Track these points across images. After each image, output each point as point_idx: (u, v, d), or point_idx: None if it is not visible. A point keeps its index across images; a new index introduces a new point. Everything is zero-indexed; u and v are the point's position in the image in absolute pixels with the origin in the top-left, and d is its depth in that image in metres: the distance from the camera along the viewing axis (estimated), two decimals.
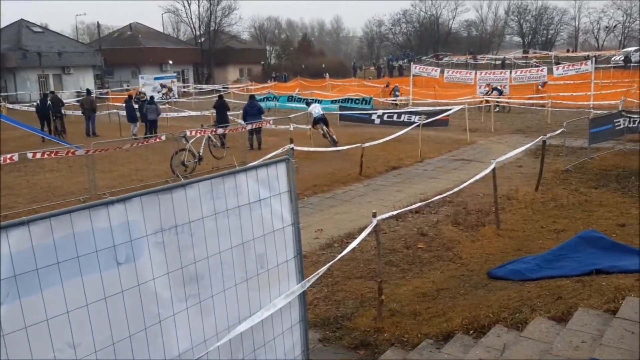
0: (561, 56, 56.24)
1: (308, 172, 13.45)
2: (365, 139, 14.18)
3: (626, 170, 11.76)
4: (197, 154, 14.21)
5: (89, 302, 2.63)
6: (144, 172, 13.95)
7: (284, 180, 3.67)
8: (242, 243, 3.37)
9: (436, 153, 15.90)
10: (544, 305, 4.98)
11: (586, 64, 26.07)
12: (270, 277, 3.59)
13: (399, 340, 5.16)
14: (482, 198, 10.29)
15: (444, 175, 12.95)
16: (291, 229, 3.77)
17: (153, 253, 2.88)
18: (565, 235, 7.54)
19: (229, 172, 3.30)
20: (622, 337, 3.91)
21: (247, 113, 17.84)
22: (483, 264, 7.00)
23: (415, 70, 29.82)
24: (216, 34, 66.46)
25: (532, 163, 13.07)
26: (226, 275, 3.29)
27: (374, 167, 13.78)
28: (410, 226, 8.96)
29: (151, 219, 2.88)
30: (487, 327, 4.84)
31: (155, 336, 2.91)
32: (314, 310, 6.00)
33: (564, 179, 11.50)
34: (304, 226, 8.81)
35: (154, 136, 15.61)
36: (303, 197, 11.19)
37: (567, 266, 6.15)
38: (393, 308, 5.87)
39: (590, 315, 4.47)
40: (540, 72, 27.12)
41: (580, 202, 9.57)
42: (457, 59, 62.32)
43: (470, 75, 28.57)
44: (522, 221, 8.80)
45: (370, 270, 6.99)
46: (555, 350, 3.95)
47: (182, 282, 3.03)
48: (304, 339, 3.91)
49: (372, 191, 11.76)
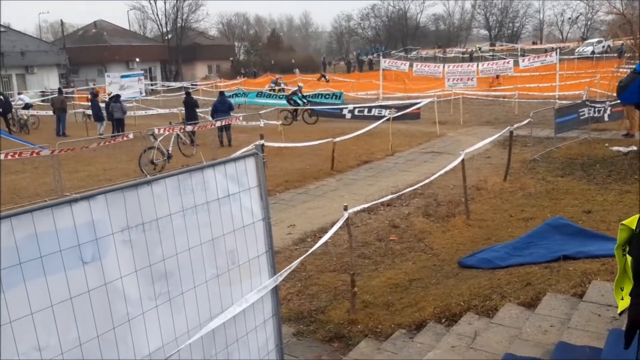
0: (527, 48, 57.23)
1: (280, 168, 13.42)
2: (337, 134, 14.20)
3: (591, 159, 12.04)
4: (166, 152, 14.04)
5: (54, 303, 2.57)
6: (112, 172, 13.72)
7: (253, 175, 3.64)
8: (212, 239, 3.34)
9: (407, 146, 16.02)
10: (513, 291, 5.07)
11: (551, 56, 26.57)
12: (242, 273, 3.57)
13: (372, 332, 5.19)
14: (452, 189, 10.42)
15: (414, 168, 13.07)
16: (262, 224, 3.74)
17: (120, 251, 2.83)
18: (534, 223, 7.68)
19: (196, 168, 3.26)
20: (588, 319, 4.00)
21: (217, 110, 17.71)
22: (454, 254, 7.08)
23: (385, 64, 29.95)
24: (183, 30, 65.65)
25: (500, 154, 13.27)
26: (196, 271, 3.25)
27: (345, 162, 13.82)
28: (383, 219, 9.02)
29: (117, 217, 2.82)
30: (458, 315, 4.91)
31: (124, 336, 2.86)
32: (287, 305, 5.99)
33: (532, 168, 11.71)
34: (276, 222, 8.82)
35: (121, 134, 15.34)
36: (275, 193, 11.16)
37: (535, 253, 6.27)
38: (366, 300, 5.90)
39: (558, 300, 4.57)
40: (507, 64, 27.52)
41: (548, 191, 9.76)
42: (426, 53, 62.90)
43: (438, 69, 28.82)
44: (491, 211, 8.94)
45: (344, 263, 7.01)
46: (525, 335, 4.02)
47: (151, 280, 2.98)
48: (277, 333, 3.89)
49: (344, 185, 11.80)
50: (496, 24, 77.06)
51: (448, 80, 26.41)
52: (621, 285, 1.75)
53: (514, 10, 75.44)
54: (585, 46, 49.66)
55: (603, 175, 10.54)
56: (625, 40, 16.20)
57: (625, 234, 1.65)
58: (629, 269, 1.67)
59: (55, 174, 11.80)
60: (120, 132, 18.79)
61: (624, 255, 1.69)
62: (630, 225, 1.61)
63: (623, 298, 1.73)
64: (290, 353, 4.89)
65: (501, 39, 72.79)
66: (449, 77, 26.61)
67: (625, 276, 1.72)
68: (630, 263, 1.63)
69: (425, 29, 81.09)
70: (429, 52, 63.47)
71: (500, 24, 76.79)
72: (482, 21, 79.13)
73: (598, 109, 15.68)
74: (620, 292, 1.75)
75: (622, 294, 1.74)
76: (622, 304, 1.73)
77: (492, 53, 56.52)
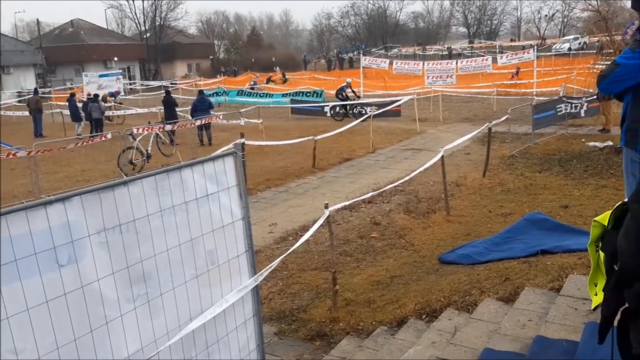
0: (505, 45, 57.81)
1: (261, 166, 13.39)
2: (318, 132, 14.21)
3: (568, 154, 12.22)
4: (145, 152, 13.92)
5: (30, 306, 2.53)
6: (90, 172, 13.56)
7: (232, 174, 3.62)
8: (190, 240, 3.31)
9: (387, 143, 16.09)
10: (492, 286, 5.13)
11: (528, 53, 26.87)
12: (222, 273, 3.55)
13: (354, 329, 5.21)
14: (432, 186, 10.49)
15: (395, 165, 13.13)
16: (241, 224, 3.72)
17: (97, 253, 2.79)
18: (512, 219, 7.77)
19: (174, 168, 3.23)
20: (565, 313, 4.06)
21: (197, 108, 17.60)
22: (434, 250, 7.13)
23: (365, 62, 30.03)
24: (162, 28, 65.08)
25: (479, 150, 13.40)
26: (175, 273, 3.22)
27: (327, 160, 13.84)
28: (364, 216, 9.05)
29: (93, 219, 2.79)
30: (439, 311, 4.95)
31: (102, 338, 2.82)
32: (269, 304, 5.99)
33: (510, 164, 11.84)
34: (257, 221, 8.80)
35: (99, 135, 15.16)
36: (256, 191, 11.14)
37: (514, 248, 6.34)
38: (348, 297, 5.92)
39: (536, 294, 4.63)
40: (485, 61, 27.76)
41: (526, 186, 9.88)
42: (406, 50, 63.23)
43: (418, 66, 28.97)
44: (470, 206, 9.02)
45: (325, 261, 7.02)
46: (504, 329, 4.07)
47: (128, 282, 2.95)
48: (258, 333, 3.88)
49: (326, 183, 11.81)
50: (475, 21, 77.74)
51: (428, 78, 26.56)
52: (595, 281, 1.78)
53: (492, 8, 76.23)
54: (562, 43, 50.35)
55: (580, 170, 10.70)
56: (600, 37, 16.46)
57: (598, 230, 1.68)
58: (602, 264, 1.70)
59: (32, 176, 11.62)
60: (98, 132, 18.58)
61: (597, 251, 1.72)
62: (602, 222, 1.64)
63: (597, 293, 1.75)
64: (272, 353, 4.89)
65: (480, 37, 73.43)
66: (428, 75, 26.76)
67: (598, 272, 1.75)
68: (603, 259, 1.66)
69: (405, 27, 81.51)
70: (409, 49, 63.81)
71: (479, 21, 77.48)
72: (460, 19, 79.83)
73: (575, 105, 15.92)
74: (594, 288, 1.78)
75: (595, 290, 1.77)
76: (595, 299, 1.76)
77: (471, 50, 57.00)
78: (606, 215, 1.64)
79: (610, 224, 1.57)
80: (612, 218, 1.57)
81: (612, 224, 1.57)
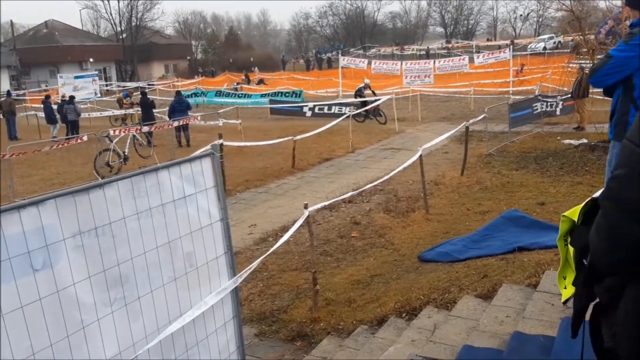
0: (481, 45, 58.45)
1: (240, 167, 13.33)
2: (297, 132, 14.20)
3: (544, 152, 12.40)
4: (123, 154, 13.76)
5: (4, 312, 2.48)
6: (67, 175, 13.36)
7: (209, 175, 3.59)
8: (168, 242, 3.28)
9: (367, 143, 16.15)
10: (471, 284, 5.18)
11: (505, 52, 27.20)
12: (200, 275, 3.52)
13: (334, 329, 5.22)
14: (411, 185, 10.56)
15: (374, 165, 13.19)
16: (220, 225, 3.70)
17: (72, 257, 2.75)
18: (490, 216, 7.86)
19: (150, 169, 3.20)
20: (542, 309, 4.12)
21: (175, 109, 17.45)
22: (414, 248, 7.18)
23: (344, 62, 30.10)
24: (138, 29, 64.42)
25: (457, 149, 13.52)
26: (153, 275, 3.19)
27: (306, 160, 13.84)
28: (344, 216, 9.07)
29: (68, 222, 2.74)
30: (418, 308, 4.98)
31: (79, 343, 2.78)
32: (249, 306, 5.97)
33: (487, 162, 11.98)
34: (237, 222, 8.77)
35: (75, 137, 14.95)
36: (235, 193, 11.09)
37: (492, 245, 6.41)
38: (328, 297, 5.92)
39: (513, 291, 4.68)
40: (462, 60, 28.03)
41: (503, 184, 10.00)
42: (384, 50, 63.54)
43: (396, 66, 29.13)
44: (449, 205, 9.10)
45: (306, 261, 7.02)
46: (482, 326, 4.11)
47: (105, 286, 2.91)
48: (238, 335, 3.86)
49: (306, 183, 11.81)
50: (451, 21, 78.46)
51: (406, 78, 26.72)
52: (564, 274, 1.80)
53: (469, 8, 77.03)
54: (537, 42, 51.07)
55: (556, 167, 10.87)
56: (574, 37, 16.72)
57: (567, 225, 1.70)
58: (571, 258, 1.73)
59: (6, 179, 11.41)
60: (74, 134, 18.32)
61: (566, 246, 1.75)
62: (571, 217, 1.67)
63: (566, 287, 1.78)
64: (253, 354, 4.87)
65: (457, 36, 74.13)
66: (406, 75, 26.92)
67: (567, 265, 1.78)
68: (572, 253, 1.69)
69: (383, 27, 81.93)
70: (387, 49, 64.13)
71: (456, 21, 78.21)
72: (437, 19, 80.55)
73: (550, 104, 16.17)
74: (563, 281, 1.81)
75: (565, 283, 1.80)
76: (565, 293, 1.79)
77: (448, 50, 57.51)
78: (575, 210, 1.67)
79: (579, 220, 1.60)
80: (581, 214, 1.60)
81: (581, 219, 1.59)
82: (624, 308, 1.45)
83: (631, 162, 1.36)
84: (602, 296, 1.55)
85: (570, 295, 1.75)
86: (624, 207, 1.37)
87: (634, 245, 1.36)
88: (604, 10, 16.92)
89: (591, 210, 1.58)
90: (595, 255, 1.46)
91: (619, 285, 1.48)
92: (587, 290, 1.58)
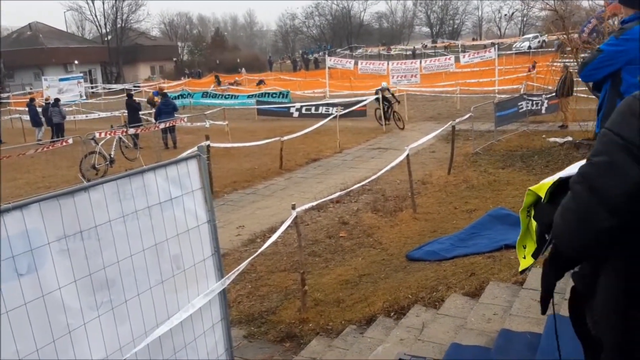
0: (467, 45, 58.79)
1: (227, 168, 13.29)
2: (285, 133, 14.18)
3: (530, 150, 12.50)
4: (108, 157, 13.67)
5: None
6: (52, 179, 13.23)
7: (196, 177, 3.58)
8: (154, 245, 3.26)
9: (354, 143, 16.17)
10: (458, 282, 5.21)
11: (490, 51, 27.37)
12: (188, 278, 3.51)
13: (323, 329, 5.22)
14: (399, 184, 10.59)
15: (362, 165, 13.21)
16: (207, 227, 3.69)
17: (57, 261, 2.73)
18: (477, 215, 7.91)
19: (136, 172, 3.18)
20: (529, 306, 4.15)
21: (162, 111, 17.36)
22: (402, 248, 7.20)
23: (330, 62, 30.11)
24: (123, 31, 63.94)
25: (444, 148, 13.58)
26: (140, 278, 3.17)
27: (294, 160, 13.83)
28: (332, 216, 9.08)
29: (53, 226, 2.72)
30: (406, 307, 5.00)
31: (65, 348, 2.76)
32: (237, 307, 5.95)
33: (474, 161, 12.05)
34: (224, 224, 8.74)
35: (60, 140, 14.81)
36: (223, 194, 11.06)
37: (479, 243, 6.46)
38: (317, 298, 5.92)
39: (500, 288, 4.72)
40: (448, 60, 28.17)
41: (490, 182, 10.07)
42: (370, 50, 63.70)
43: (383, 66, 29.20)
44: (436, 204, 9.14)
45: (294, 262, 7.01)
46: (470, 324, 4.14)
47: (91, 290, 2.89)
48: (226, 337, 3.85)
49: (293, 184, 11.80)
50: (437, 21, 78.81)
51: (392, 77, 26.78)
52: (523, 244, 1.83)
53: (454, 8, 77.44)
54: (522, 41, 51.47)
55: (541, 165, 10.96)
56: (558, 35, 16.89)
57: (532, 198, 1.75)
58: (533, 229, 1.76)
59: None
60: (59, 137, 18.16)
61: (528, 217, 1.79)
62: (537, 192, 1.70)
63: (525, 257, 1.81)
64: (242, 356, 4.86)
65: (442, 36, 74.49)
66: (393, 74, 26.98)
67: (527, 234, 1.81)
68: (534, 227, 1.72)
69: (369, 27, 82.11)
70: (374, 50, 64.29)
71: (441, 21, 78.59)
72: (423, 19, 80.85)
73: (536, 102, 16.31)
74: (523, 251, 1.83)
75: (524, 253, 1.82)
76: (523, 263, 1.81)
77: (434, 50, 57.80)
78: (541, 186, 1.70)
79: (546, 199, 1.63)
80: (548, 192, 1.63)
81: (547, 198, 1.63)
82: (601, 297, 1.48)
83: (610, 151, 1.39)
84: (578, 283, 1.58)
85: (528, 266, 1.78)
86: (596, 194, 1.39)
87: (600, 231, 1.39)
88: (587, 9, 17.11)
89: (557, 190, 1.62)
90: (561, 237, 1.49)
91: (593, 273, 1.51)
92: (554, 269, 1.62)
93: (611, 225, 1.37)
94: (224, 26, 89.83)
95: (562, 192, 1.58)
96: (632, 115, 1.38)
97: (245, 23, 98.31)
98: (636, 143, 1.34)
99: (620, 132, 1.38)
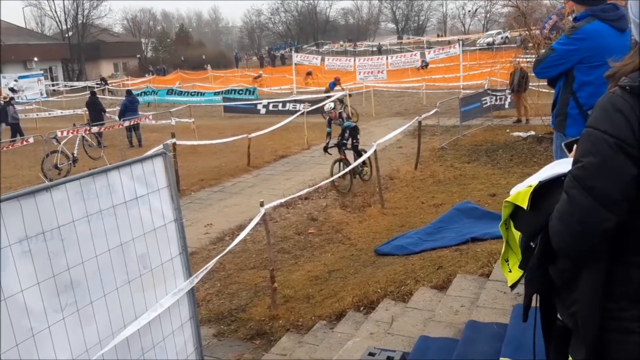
0: (432, 41, 59.43)
1: (194, 166, 13.15)
2: (252, 130, 14.10)
3: (494, 145, 12.73)
4: (71, 156, 13.35)
5: None
6: (13, 179, 12.85)
7: (161, 175, 3.53)
8: (120, 244, 3.21)
9: (322, 139, 16.04)
10: (426, 275, 5.27)
11: (455, 47, 27.75)
12: (155, 277, 3.46)
13: (294, 325, 5.22)
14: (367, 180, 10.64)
15: (330, 161, 13.19)
16: (174, 225, 3.64)
17: (19, 263, 2.65)
18: (444, 209, 8.02)
19: (100, 171, 3.12)
20: (495, 297, 4.24)
21: (127, 109, 17.05)
22: (370, 243, 7.25)
23: (297, 59, 30.06)
24: (85, 27, 62.53)
25: (410, 143, 13.71)
26: (105, 279, 3.11)
27: (262, 157, 13.76)
28: (301, 212, 9.08)
29: (14, 227, 2.65)
30: (376, 302, 5.04)
31: (29, 352, 2.69)
32: (207, 306, 5.90)
33: (440, 156, 12.21)
34: (192, 222, 8.65)
35: (20, 139, 14.40)
36: (190, 192, 10.94)
37: (446, 237, 6.55)
38: (287, 294, 5.92)
39: (467, 281, 4.80)
40: (414, 56, 28.44)
41: (456, 177, 10.22)
42: (337, 47, 63.80)
43: (349, 62, 29.30)
44: (404, 199, 9.23)
45: (263, 259, 6.99)
46: (438, 316, 4.20)
47: (55, 292, 2.82)
48: (196, 336, 3.82)
49: (262, 181, 11.75)
50: (402, 17, 79.42)
51: (359, 74, 26.92)
52: (505, 258, 1.84)
53: (419, 4, 78.08)
54: (486, 37, 52.30)
55: (506, 159, 11.18)
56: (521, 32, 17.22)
57: (509, 210, 1.75)
58: (513, 242, 1.77)
59: None
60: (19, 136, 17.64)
61: (507, 229, 1.79)
62: (515, 202, 1.71)
63: (511, 270, 1.81)
64: (212, 354, 4.82)
65: (408, 32, 75.11)
66: (360, 71, 27.12)
67: (508, 248, 1.82)
68: (518, 238, 1.73)
69: (335, 23, 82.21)
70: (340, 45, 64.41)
71: (407, 17, 79.21)
72: (389, 15, 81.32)
73: (499, 97, 16.60)
74: (507, 265, 1.84)
75: (508, 267, 1.83)
76: (510, 277, 1.81)
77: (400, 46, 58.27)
78: (517, 195, 1.71)
79: (528, 206, 1.64)
80: (529, 200, 1.64)
81: (529, 206, 1.64)
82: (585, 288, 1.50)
83: (600, 150, 1.39)
84: (557, 278, 1.60)
85: (517, 279, 1.79)
86: (594, 195, 1.40)
87: (605, 230, 1.41)
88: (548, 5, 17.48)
89: (537, 196, 1.63)
90: (558, 242, 1.49)
91: (574, 268, 1.54)
92: (539, 274, 1.63)
93: (614, 223, 1.39)
94: (188, 22, 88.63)
95: (542, 197, 1.59)
96: (616, 111, 1.38)
97: (210, 19, 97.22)
98: (625, 139, 1.35)
99: (607, 129, 1.38)
